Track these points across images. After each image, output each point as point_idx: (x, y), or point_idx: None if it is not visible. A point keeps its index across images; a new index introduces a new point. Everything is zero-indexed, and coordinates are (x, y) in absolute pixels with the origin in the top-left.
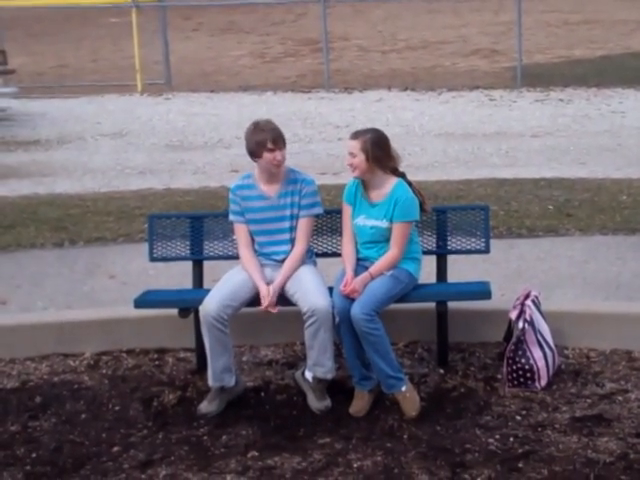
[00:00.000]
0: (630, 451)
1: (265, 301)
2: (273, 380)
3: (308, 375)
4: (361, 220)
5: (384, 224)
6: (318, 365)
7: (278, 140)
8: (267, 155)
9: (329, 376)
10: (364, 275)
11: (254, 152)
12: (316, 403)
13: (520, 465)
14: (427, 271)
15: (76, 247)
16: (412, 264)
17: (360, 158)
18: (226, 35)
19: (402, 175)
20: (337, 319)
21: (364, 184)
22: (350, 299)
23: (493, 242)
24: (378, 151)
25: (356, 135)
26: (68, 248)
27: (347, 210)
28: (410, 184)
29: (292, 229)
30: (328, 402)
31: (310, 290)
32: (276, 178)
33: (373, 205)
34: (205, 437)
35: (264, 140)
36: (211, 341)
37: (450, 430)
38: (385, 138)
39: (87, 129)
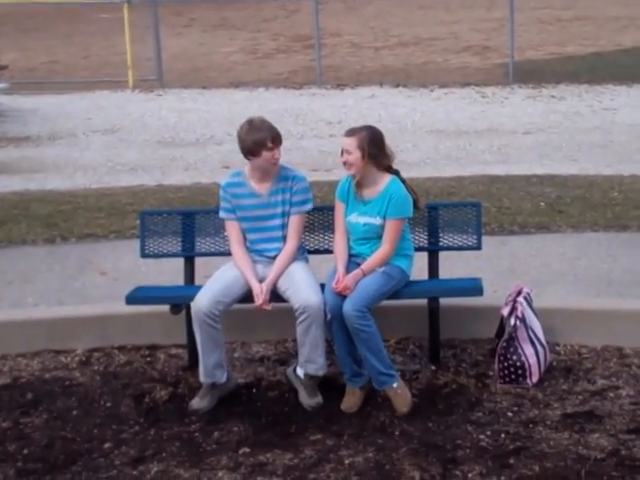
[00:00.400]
0: (621, 447)
1: (259, 299)
2: (265, 376)
3: (300, 372)
4: (354, 217)
5: (377, 221)
6: (310, 362)
7: (277, 139)
8: (266, 154)
9: (320, 373)
10: (356, 272)
11: (252, 151)
12: (307, 400)
13: (511, 461)
14: (419, 268)
15: (67, 243)
16: (404, 261)
17: (356, 155)
18: (218, 31)
19: (396, 172)
20: (329, 316)
21: (357, 181)
22: (342, 296)
23: (485, 239)
24: (374, 148)
25: (352, 132)
26: (59, 244)
27: (340, 207)
28: (404, 181)
29: (284, 226)
30: (319, 399)
31: (302, 287)
32: (269, 176)
33: (366, 202)
34: (197, 433)
35: (263, 139)
36: (203, 337)
37: (441, 426)
38: (381, 135)
39: (78, 125)
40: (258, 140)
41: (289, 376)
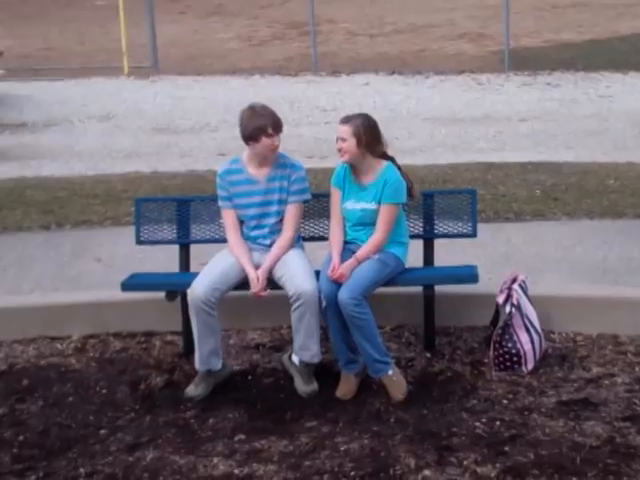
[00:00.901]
0: (616, 435)
1: (255, 286)
2: (260, 363)
3: (295, 359)
4: (350, 204)
5: (373, 206)
6: (304, 349)
7: (278, 125)
8: (265, 140)
9: (315, 360)
10: (350, 261)
11: (252, 137)
12: (303, 387)
13: (506, 449)
14: (414, 255)
15: (63, 230)
16: (399, 248)
17: (351, 143)
18: (213, 18)
19: (392, 159)
20: (324, 303)
21: (353, 169)
22: (337, 283)
23: (480, 226)
24: (370, 136)
25: (347, 120)
26: (55, 231)
27: (336, 194)
28: (399, 168)
29: (279, 213)
30: (315, 386)
31: (297, 274)
32: (267, 162)
33: (363, 188)
34: (192, 420)
35: (264, 125)
36: (199, 325)
37: (437, 414)
38: (375, 123)
39: (74, 112)
40: (259, 126)
41: (284, 363)
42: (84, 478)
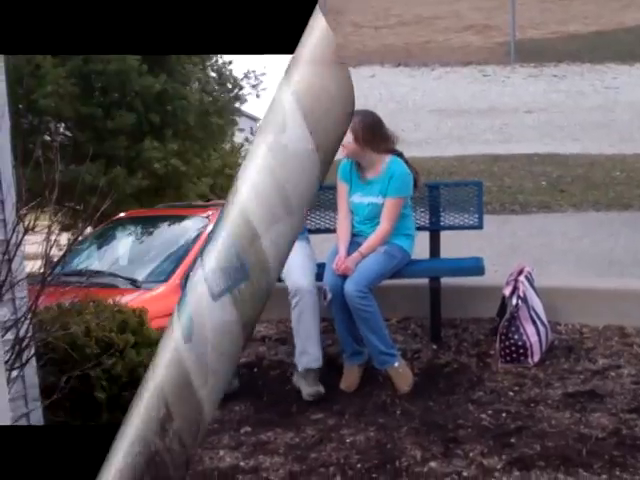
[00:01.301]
0: (622, 427)
1: None
2: (266, 356)
3: (299, 366)
4: (357, 198)
5: (380, 200)
6: (303, 353)
7: None
8: None
9: (314, 365)
10: (355, 255)
11: None
12: (306, 388)
13: (512, 440)
14: (420, 247)
15: None
16: (405, 240)
17: (347, 138)
18: None
19: (399, 154)
20: (329, 296)
21: (358, 163)
22: (343, 276)
23: (486, 218)
24: (367, 133)
25: None
26: None
27: (342, 188)
28: (406, 162)
29: None
30: (319, 388)
31: (294, 270)
32: None
33: (369, 182)
34: None
35: None
36: None
37: (443, 405)
38: (375, 120)
39: None
40: None
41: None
42: None
